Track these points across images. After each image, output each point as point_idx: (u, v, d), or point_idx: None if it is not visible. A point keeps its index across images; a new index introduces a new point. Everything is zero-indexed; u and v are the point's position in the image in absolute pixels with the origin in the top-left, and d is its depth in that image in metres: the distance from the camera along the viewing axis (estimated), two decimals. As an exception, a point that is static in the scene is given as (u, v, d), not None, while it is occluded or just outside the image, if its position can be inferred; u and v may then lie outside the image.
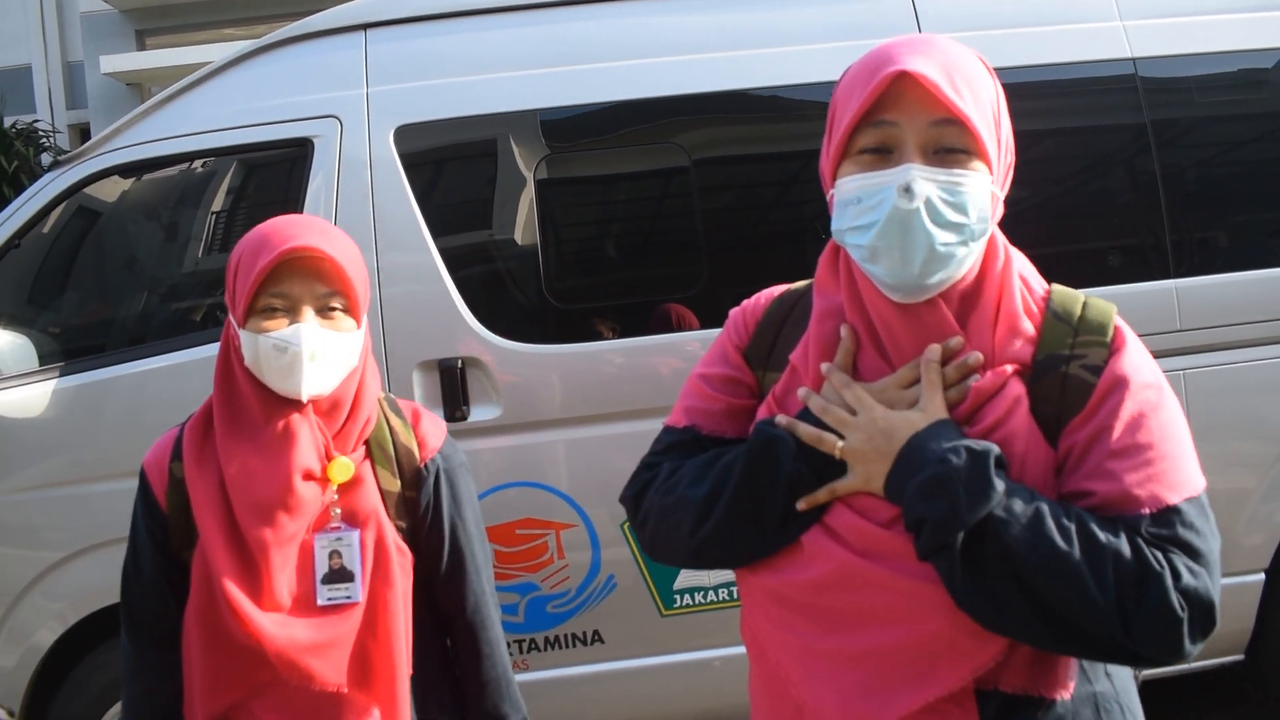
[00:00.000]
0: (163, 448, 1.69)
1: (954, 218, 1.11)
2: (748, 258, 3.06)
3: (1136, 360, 1.16)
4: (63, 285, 3.37)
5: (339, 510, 1.62)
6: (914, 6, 3.04)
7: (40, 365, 2.92)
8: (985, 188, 1.13)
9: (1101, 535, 1.07)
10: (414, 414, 1.77)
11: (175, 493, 1.63)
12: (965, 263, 1.14)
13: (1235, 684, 3.46)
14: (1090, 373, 1.14)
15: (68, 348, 3.07)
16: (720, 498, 1.23)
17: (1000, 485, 1.08)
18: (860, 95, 1.13)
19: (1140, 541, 1.08)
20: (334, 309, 1.60)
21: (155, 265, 3.38)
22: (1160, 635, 1.06)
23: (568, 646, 2.91)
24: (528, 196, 2.97)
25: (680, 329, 2.93)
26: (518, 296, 3.03)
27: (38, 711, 2.91)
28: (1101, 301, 1.20)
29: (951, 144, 1.11)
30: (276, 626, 1.54)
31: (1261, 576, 3.09)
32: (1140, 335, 3.11)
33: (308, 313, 1.57)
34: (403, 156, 2.91)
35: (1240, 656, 3.16)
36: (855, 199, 1.14)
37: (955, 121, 1.10)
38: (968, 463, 1.07)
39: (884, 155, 1.13)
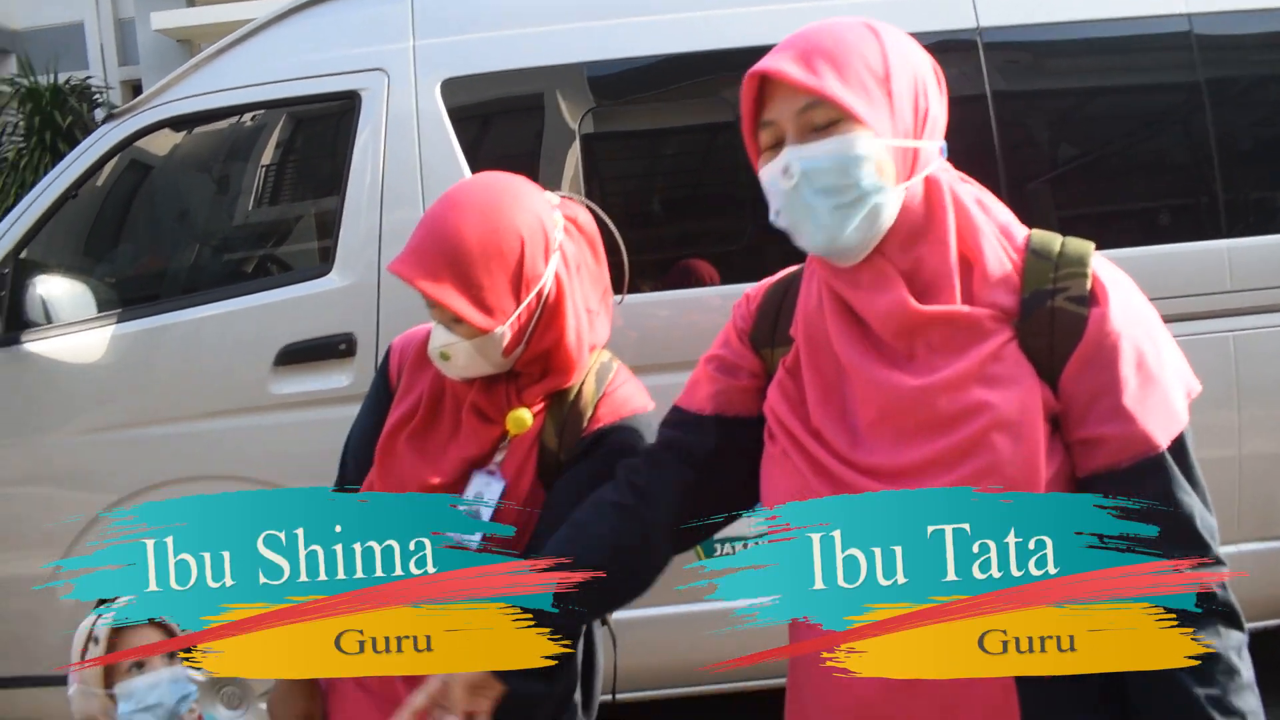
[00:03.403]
0: (416, 332, 1.73)
1: (837, 181, 1.18)
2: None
3: (1120, 296, 1.19)
4: (117, 236, 3.44)
5: (501, 455, 1.60)
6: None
7: (98, 313, 2.99)
8: (868, 146, 1.17)
9: None
10: (612, 380, 1.66)
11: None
12: (874, 219, 1.20)
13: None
14: (1076, 303, 1.18)
15: (123, 296, 3.14)
16: None
17: None
18: (744, 105, 1.24)
19: None
20: (458, 322, 1.56)
21: (206, 217, 3.43)
22: None
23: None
24: (574, 150, 2.97)
25: (704, 284, 2.91)
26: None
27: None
28: (1078, 239, 1.24)
29: (820, 121, 1.19)
30: None
31: (1306, 540, 3.06)
32: (1189, 296, 3.01)
33: (436, 318, 1.59)
34: (450, 110, 2.92)
35: (1285, 621, 3.14)
36: (767, 191, 1.26)
37: (820, 100, 1.17)
38: None
39: (777, 150, 1.23)
